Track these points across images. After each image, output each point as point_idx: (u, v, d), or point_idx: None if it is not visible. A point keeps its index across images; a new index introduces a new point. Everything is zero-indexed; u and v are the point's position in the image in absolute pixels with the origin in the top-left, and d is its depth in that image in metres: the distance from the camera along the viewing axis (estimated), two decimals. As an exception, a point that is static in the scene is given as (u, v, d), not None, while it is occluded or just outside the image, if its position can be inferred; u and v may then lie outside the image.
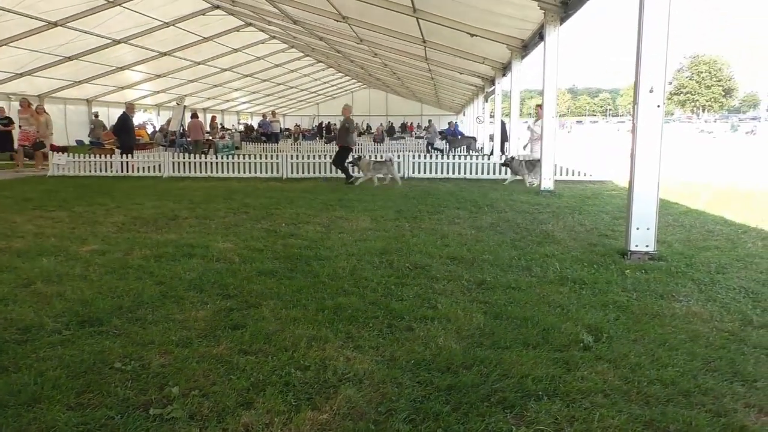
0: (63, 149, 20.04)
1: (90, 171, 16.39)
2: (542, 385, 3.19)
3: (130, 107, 17.74)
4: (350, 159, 14.78)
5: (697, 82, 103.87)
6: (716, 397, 3.08)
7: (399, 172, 15.15)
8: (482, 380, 3.25)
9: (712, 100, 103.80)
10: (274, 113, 35.44)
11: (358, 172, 14.66)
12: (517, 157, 14.93)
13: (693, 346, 3.74)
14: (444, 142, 27.35)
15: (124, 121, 17.05)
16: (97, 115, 26.30)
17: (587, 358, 3.54)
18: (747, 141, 45.26)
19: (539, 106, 14.77)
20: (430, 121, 30.12)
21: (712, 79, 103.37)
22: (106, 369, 3.40)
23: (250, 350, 3.67)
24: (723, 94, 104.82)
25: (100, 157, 16.68)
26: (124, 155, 16.58)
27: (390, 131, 41.13)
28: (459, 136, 30.97)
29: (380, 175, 14.34)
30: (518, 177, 14.23)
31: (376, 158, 15.83)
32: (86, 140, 24.16)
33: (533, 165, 13.89)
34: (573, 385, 3.19)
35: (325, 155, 17.16)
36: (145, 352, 3.64)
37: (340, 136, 15.27)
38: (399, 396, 3.08)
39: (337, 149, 15.15)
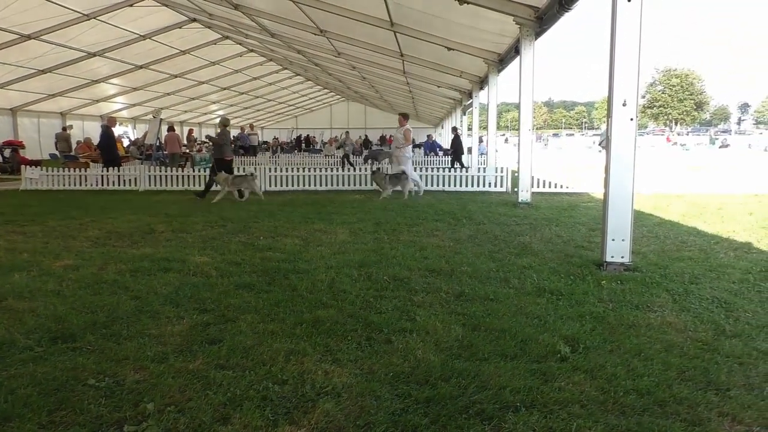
0: (36, 163, 19.77)
1: (64, 185, 16.16)
2: (520, 396, 3.20)
3: (112, 120, 17.55)
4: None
5: (669, 95, 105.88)
6: (691, 406, 3.12)
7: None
8: (460, 392, 3.25)
9: (684, 113, 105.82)
10: (252, 126, 35.30)
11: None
12: (382, 169, 14.96)
13: (668, 356, 3.79)
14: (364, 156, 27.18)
15: (108, 135, 16.88)
16: (65, 129, 25.94)
17: (564, 369, 3.56)
18: (720, 154, 46.18)
19: (402, 115, 14.75)
20: (346, 132, 29.78)
21: (684, 93, 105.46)
22: (80, 386, 3.33)
23: (227, 365, 3.63)
24: (695, 107, 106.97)
25: (74, 171, 16.45)
26: (109, 169, 16.37)
27: (365, 144, 41.23)
28: (438, 149, 31.26)
29: (242, 189, 13.66)
30: (396, 189, 13.98)
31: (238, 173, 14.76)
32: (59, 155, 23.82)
33: (397, 178, 13.90)
34: (550, 396, 3.20)
35: (305, 168, 17.12)
36: (120, 368, 3.58)
37: (216, 149, 14.20)
38: (378, 409, 3.07)
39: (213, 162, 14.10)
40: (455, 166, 21.51)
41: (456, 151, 23.07)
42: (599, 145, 30.32)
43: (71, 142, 24.81)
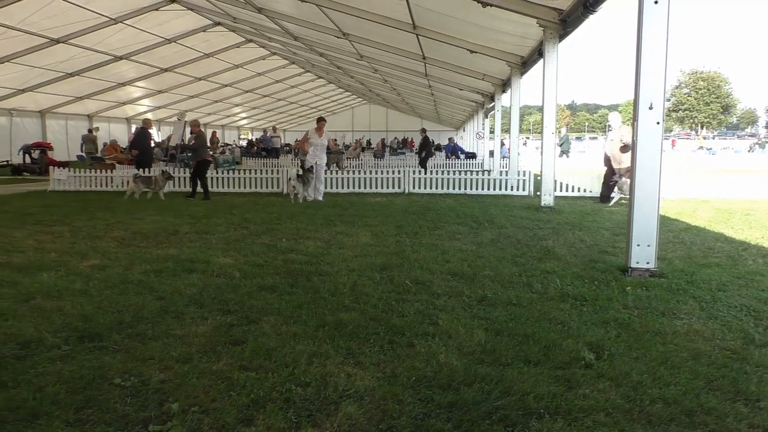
0: (64, 164, 20.11)
1: (91, 186, 16.42)
2: (544, 402, 3.17)
3: (148, 122, 17.82)
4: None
5: (695, 98, 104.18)
6: (719, 417, 3.06)
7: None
8: (484, 397, 3.23)
9: (711, 116, 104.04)
10: (274, 128, 35.58)
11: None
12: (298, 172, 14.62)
13: (695, 364, 3.72)
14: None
15: (145, 136, 17.15)
16: (90, 131, 26.37)
17: (589, 376, 3.52)
18: (749, 158, 45.35)
19: (323, 120, 14.40)
20: (272, 128, 29.40)
21: (711, 96, 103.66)
22: (106, 385, 3.38)
23: (250, 366, 3.66)
24: (721, 110, 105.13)
25: (101, 172, 16.70)
26: (141, 170, 16.60)
27: (383, 146, 41.39)
28: (459, 152, 31.20)
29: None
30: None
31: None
32: (85, 156, 24.24)
33: (307, 179, 13.66)
34: (575, 404, 3.17)
35: (327, 171, 17.14)
36: (145, 367, 3.62)
37: (197, 151, 14.57)
38: (400, 413, 3.07)
39: (197, 164, 14.52)
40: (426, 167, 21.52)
41: (422, 152, 23.08)
42: (559, 146, 28.76)
43: (98, 144, 25.21)
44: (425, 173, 16.85)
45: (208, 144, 27.15)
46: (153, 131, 34.17)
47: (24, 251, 7.25)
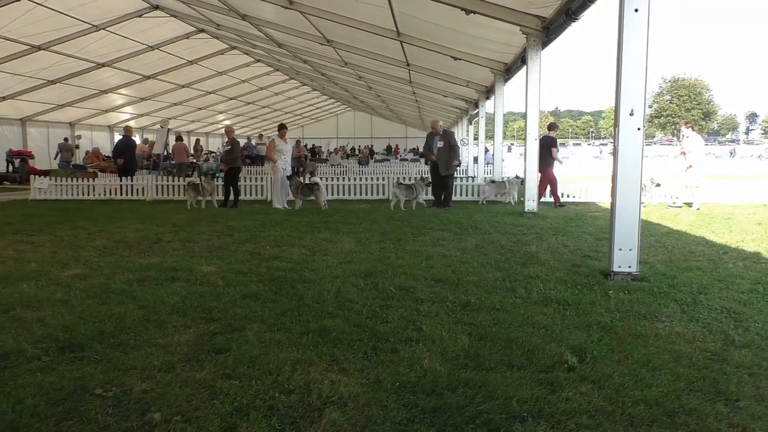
0: (45, 173, 19.90)
1: (72, 195, 16.25)
2: (527, 406, 3.18)
3: (129, 130, 17.71)
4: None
5: (677, 105, 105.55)
6: (700, 417, 3.09)
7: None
8: (467, 402, 3.23)
9: (692, 122, 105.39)
10: (261, 136, 35.42)
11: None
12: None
13: (676, 366, 3.76)
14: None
15: (129, 144, 17.05)
16: (66, 139, 26.11)
17: (572, 379, 3.54)
18: (730, 163, 45.97)
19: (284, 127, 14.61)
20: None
21: (692, 102, 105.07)
22: (87, 396, 3.34)
23: (233, 374, 3.63)
24: (702, 116, 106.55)
25: (83, 181, 16.55)
26: (122, 178, 16.48)
27: (371, 153, 41.49)
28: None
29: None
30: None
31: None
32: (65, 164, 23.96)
33: (309, 189, 13.79)
34: (558, 407, 3.18)
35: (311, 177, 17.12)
36: (127, 377, 3.58)
37: (229, 158, 14.51)
38: (384, 419, 3.06)
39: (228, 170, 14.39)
40: None
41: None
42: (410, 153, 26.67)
43: (75, 152, 24.97)
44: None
45: (192, 152, 27.08)
46: (136, 138, 34.04)
47: (3, 261, 7.15)
